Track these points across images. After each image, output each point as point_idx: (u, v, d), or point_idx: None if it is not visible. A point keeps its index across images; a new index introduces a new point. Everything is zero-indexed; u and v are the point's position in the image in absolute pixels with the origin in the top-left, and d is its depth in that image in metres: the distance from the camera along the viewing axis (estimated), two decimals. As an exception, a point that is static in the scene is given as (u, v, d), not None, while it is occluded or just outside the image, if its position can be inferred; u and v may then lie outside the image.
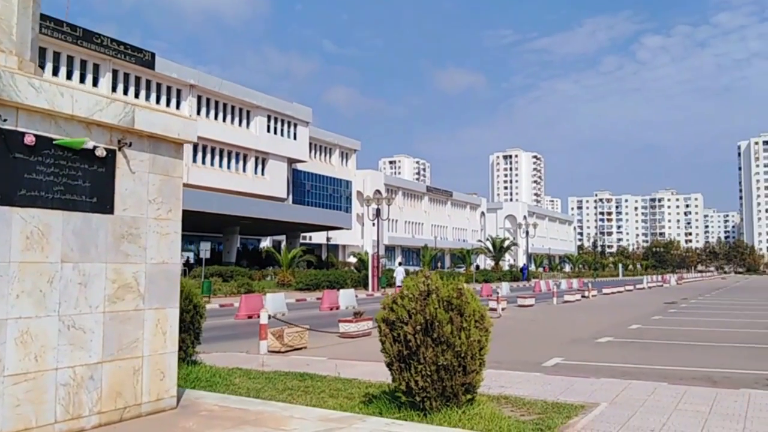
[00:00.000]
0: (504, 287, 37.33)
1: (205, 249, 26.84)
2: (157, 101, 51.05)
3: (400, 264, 50.46)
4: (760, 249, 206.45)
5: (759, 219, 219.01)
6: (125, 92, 48.37)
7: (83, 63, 45.92)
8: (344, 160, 79.53)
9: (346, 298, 23.03)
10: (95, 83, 46.51)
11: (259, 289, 29.37)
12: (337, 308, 22.34)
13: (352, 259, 62.25)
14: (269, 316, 10.36)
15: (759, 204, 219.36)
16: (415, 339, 5.25)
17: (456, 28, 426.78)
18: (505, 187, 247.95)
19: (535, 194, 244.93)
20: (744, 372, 9.23)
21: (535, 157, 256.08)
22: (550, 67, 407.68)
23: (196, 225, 50.20)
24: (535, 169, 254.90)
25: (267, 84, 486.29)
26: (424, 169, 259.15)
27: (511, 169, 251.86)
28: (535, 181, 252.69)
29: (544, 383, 7.60)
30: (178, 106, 52.80)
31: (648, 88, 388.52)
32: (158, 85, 51.32)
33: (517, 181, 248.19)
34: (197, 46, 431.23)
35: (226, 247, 50.16)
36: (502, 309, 20.89)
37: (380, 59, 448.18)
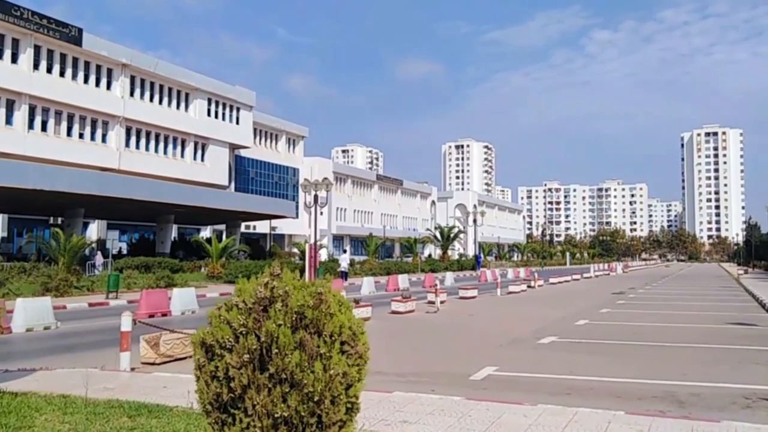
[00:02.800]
0: (448, 277, 35.83)
1: (113, 239, 24.22)
2: (86, 80, 47.52)
3: (345, 251, 48.91)
4: (701, 237, 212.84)
5: (700, 208, 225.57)
6: (49, 70, 44.78)
7: (0, 37, 42.13)
8: (291, 147, 76.82)
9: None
10: (14, 59, 42.87)
11: (182, 282, 26.93)
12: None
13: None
14: (134, 321, 8.23)
15: (700, 194, 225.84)
16: (241, 375, 3.28)
17: (410, 19, 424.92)
18: (457, 177, 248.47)
19: (486, 184, 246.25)
20: (714, 386, 7.58)
21: (486, 147, 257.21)
22: (503, 59, 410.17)
23: (128, 213, 47.07)
24: (486, 159, 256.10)
25: (223, 71, 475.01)
26: (377, 159, 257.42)
27: (462, 158, 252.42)
28: (486, 171, 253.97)
29: (463, 414, 5.72)
30: (108, 87, 49.36)
31: (596, 81, 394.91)
32: (86, 64, 47.72)
33: (468, 171, 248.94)
34: (149, 31, 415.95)
35: (160, 237, 47.16)
36: (441, 302, 19.15)
37: (338, 48, 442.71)
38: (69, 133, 46.65)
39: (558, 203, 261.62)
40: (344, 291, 14.84)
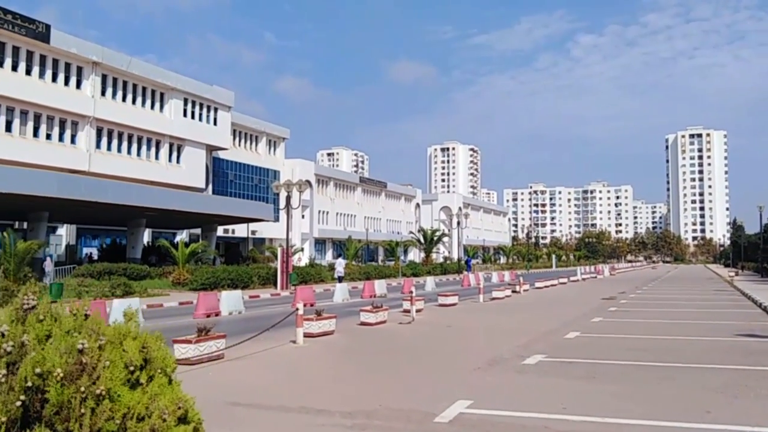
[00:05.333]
0: (429, 282, 34.10)
1: (56, 244, 22.22)
2: (54, 79, 45.39)
3: (339, 255, 47.91)
4: (686, 239, 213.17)
5: (685, 210, 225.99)
6: (14, 68, 42.65)
7: (-40, 33, 40.05)
8: (272, 149, 74.94)
9: (231, 301, 18.91)
10: (-24, 57, 40.75)
11: (141, 290, 24.96)
12: (217, 314, 18.29)
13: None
14: None
15: (685, 195, 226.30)
16: None
17: (397, 23, 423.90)
18: (443, 180, 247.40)
19: (472, 186, 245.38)
20: None
21: (472, 149, 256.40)
22: (489, 63, 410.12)
23: (97, 217, 44.95)
24: (472, 161, 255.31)
25: (212, 75, 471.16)
26: (362, 162, 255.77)
27: (448, 161, 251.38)
28: (471, 174, 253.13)
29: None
30: (78, 86, 47.25)
31: (581, 84, 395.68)
32: (55, 62, 45.63)
33: (454, 174, 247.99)
34: (139, 36, 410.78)
35: (131, 242, 45.24)
36: (417, 311, 17.39)
37: (328, 52, 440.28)
38: (36, 133, 44.55)
39: (543, 205, 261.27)
40: (299, 303, 13.08)
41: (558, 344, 12.18)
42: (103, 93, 49.02)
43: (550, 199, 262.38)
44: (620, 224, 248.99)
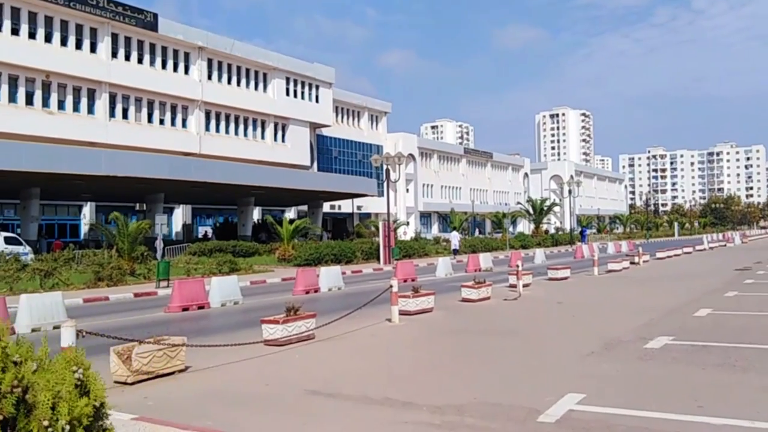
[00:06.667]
0: (538, 254, 32.38)
1: (161, 224, 22.81)
2: (163, 66, 47.42)
3: (454, 229, 48.29)
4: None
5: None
6: (127, 57, 44.91)
7: (79, 27, 42.57)
8: (374, 124, 74.78)
9: (330, 277, 18.52)
10: (93, 49, 43.20)
11: (246, 267, 25.34)
12: (316, 291, 18.01)
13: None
14: (78, 334, 6.09)
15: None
16: None
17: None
18: (553, 148, 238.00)
19: (584, 153, 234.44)
20: None
21: (583, 114, 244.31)
22: (599, 22, 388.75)
23: (209, 197, 46.76)
24: (583, 127, 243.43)
25: (318, 55, 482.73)
26: (467, 133, 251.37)
27: (558, 128, 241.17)
28: (584, 140, 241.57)
29: None
30: (186, 71, 49.07)
31: (704, 38, 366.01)
32: (164, 49, 47.62)
33: (564, 141, 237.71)
34: (246, 22, 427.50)
35: (241, 220, 46.86)
36: (524, 286, 16.17)
37: (431, 24, 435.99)
38: (150, 119, 46.84)
39: (663, 170, 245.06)
40: (393, 280, 12.33)
41: (687, 324, 10.64)
42: (209, 77, 50.62)
43: (671, 163, 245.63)
44: (751, 188, 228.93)
